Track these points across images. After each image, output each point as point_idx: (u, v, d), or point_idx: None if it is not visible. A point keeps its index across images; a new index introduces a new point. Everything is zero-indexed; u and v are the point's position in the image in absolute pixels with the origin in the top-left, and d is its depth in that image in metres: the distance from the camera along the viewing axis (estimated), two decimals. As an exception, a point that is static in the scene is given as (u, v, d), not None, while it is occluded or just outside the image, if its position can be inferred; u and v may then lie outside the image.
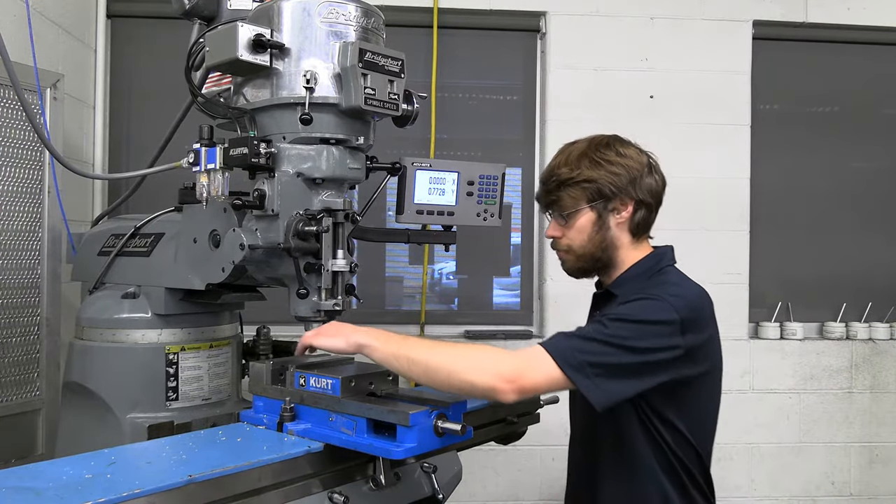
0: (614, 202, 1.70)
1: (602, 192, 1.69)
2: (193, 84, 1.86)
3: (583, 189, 1.70)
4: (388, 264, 3.73)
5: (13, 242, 2.51)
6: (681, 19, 3.63)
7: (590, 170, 1.70)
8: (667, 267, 1.74)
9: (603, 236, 1.72)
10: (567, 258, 1.78)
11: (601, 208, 1.71)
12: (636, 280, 1.71)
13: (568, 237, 1.75)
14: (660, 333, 1.52)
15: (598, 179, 1.69)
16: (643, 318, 1.53)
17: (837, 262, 3.85)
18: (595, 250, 1.73)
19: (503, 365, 1.48)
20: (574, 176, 1.70)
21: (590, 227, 1.72)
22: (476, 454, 3.32)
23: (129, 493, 1.23)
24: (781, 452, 3.67)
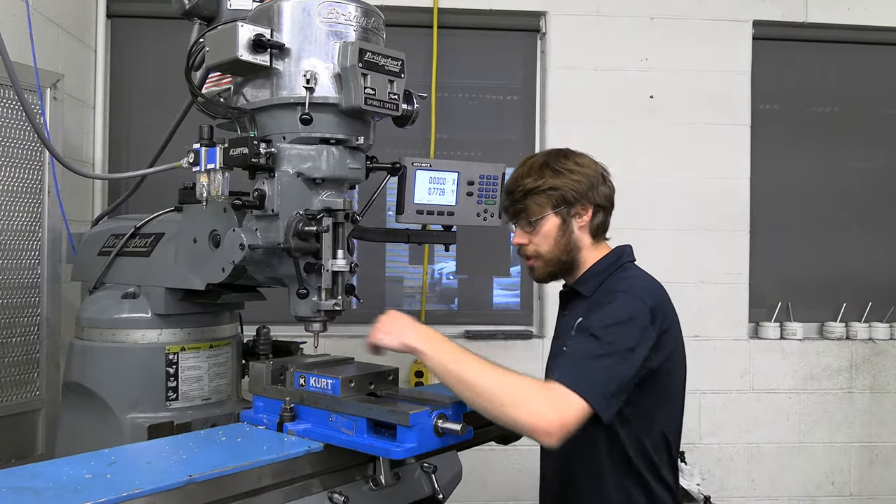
0: (576, 207, 1.82)
1: (565, 198, 1.81)
2: (193, 84, 1.86)
3: (548, 196, 1.80)
4: (388, 264, 3.73)
5: (13, 242, 2.51)
6: (681, 19, 3.63)
7: (553, 178, 1.81)
8: (626, 263, 1.86)
9: (567, 239, 1.83)
10: (536, 265, 1.87)
11: (565, 213, 1.82)
12: (598, 276, 1.83)
13: (535, 243, 1.84)
14: (638, 326, 1.63)
15: (562, 187, 1.80)
16: (623, 318, 1.62)
17: (837, 262, 3.85)
18: (561, 253, 1.84)
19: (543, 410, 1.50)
20: (539, 185, 1.80)
21: (555, 231, 1.82)
22: (476, 454, 3.31)
23: (129, 493, 1.23)
24: (781, 452, 3.67)
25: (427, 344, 1.60)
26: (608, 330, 1.60)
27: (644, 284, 1.76)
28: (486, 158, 3.72)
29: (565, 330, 1.83)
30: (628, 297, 1.67)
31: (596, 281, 1.82)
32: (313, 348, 1.88)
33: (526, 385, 1.53)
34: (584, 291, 1.83)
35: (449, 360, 1.57)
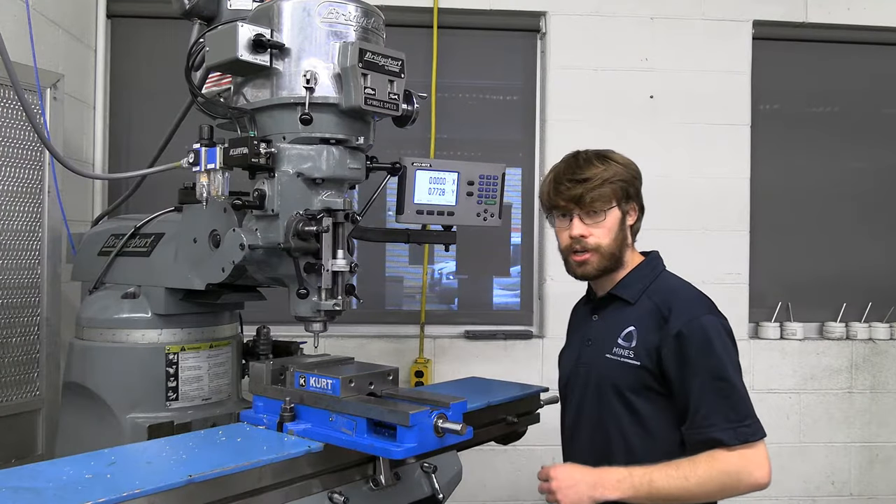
0: (630, 204, 1.85)
1: (628, 193, 1.83)
2: (193, 84, 1.86)
3: (618, 187, 1.81)
4: (388, 264, 3.73)
5: (13, 242, 2.51)
6: (681, 19, 3.63)
7: (620, 169, 1.83)
8: (663, 272, 1.89)
9: (623, 235, 1.85)
10: (591, 259, 1.83)
11: (624, 208, 1.84)
12: (641, 282, 1.85)
13: (596, 235, 1.82)
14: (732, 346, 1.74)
15: (628, 179, 1.83)
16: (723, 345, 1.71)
17: (837, 262, 3.84)
18: (616, 249, 1.83)
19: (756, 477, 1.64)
20: (614, 174, 1.81)
21: (616, 225, 1.82)
22: (476, 454, 3.32)
23: (129, 493, 1.23)
24: (781, 452, 3.66)
25: (619, 488, 1.65)
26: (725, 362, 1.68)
27: (699, 294, 1.81)
28: (486, 158, 3.71)
29: (606, 336, 1.84)
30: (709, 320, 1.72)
31: (639, 287, 1.84)
32: (313, 348, 1.88)
33: (722, 472, 1.63)
34: (628, 297, 1.83)
35: (646, 489, 1.63)
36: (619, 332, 1.80)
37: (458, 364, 3.49)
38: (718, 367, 1.67)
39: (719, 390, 1.66)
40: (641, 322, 1.78)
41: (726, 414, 1.65)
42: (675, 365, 1.69)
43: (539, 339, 3.57)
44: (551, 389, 2.28)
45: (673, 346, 1.70)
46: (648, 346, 1.74)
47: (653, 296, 1.80)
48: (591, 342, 1.89)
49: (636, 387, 1.75)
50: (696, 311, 1.73)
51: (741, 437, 1.63)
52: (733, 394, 1.67)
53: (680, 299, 1.77)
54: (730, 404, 1.66)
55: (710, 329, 1.70)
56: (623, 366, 1.77)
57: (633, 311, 1.81)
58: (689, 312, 1.73)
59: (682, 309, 1.74)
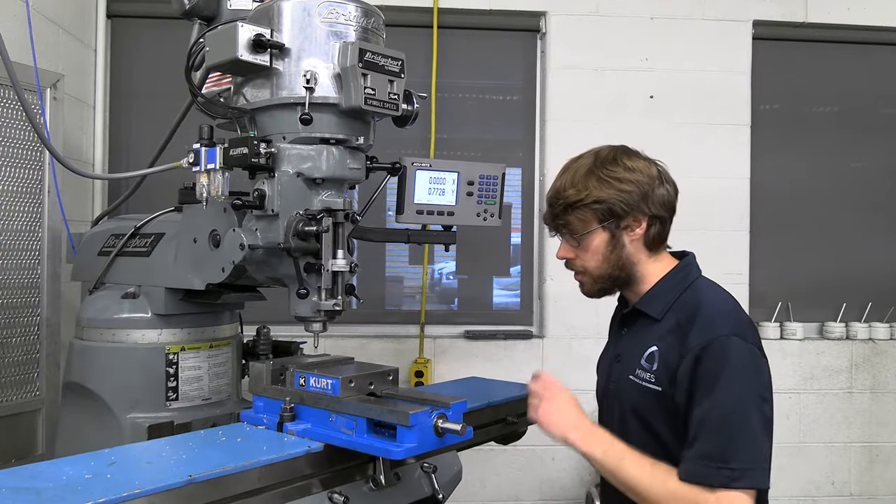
0: (627, 220, 1.62)
1: (613, 212, 1.61)
2: (193, 84, 1.86)
3: (593, 210, 1.61)
4: (388, 264, 3.73)
5: (13, 242, 2.51)
6: (681, 19, 3.63)
7: (598, 189, 1.60)
8: (694, 282, 1.67)
9: (618, 255, 1.65)
10: (584, 280, 1.70)
11: (614, 227, 1.62)
12: (667, 296, 1.65)
13: (582, 259, 1.67)
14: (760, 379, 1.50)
15: (608, 199, 1.60)
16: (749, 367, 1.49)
17: (837, 262, 3.85)
18: (612, 270, 1.66)
19: None
20: (583, 198, 1.61)
21: (603, 247, 1.64)
22: (476, 454, 3.32)
23: (129, 493, 1.23)
24: (781, 452, 3.62)
25: (587, 445, 1.54)
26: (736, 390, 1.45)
27: (729, 310, 1.58)
28: (486, 158, 3.72)
29: (631, 355, 1.65)
30: (733, 342, 1.48)
31: (664, 302, 1.63)
32: (313, 348, 1.88)
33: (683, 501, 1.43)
34: (652, 313, 1.64)
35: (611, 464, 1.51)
36: (642, 352, 1.62)
37: (458, 364, 3.49)
38: (726, 397, 1.44)
39: (720, 425, 1.44)
40: (664, 341, 1.59)
41: (713, 453, 1.43)
42: (686, 384, 1.50)
43: (539, 339, 3.58)
44: (551, 389, 2.28)
45: (689, 363, 1.50)
46: (669, 368, 1.55)
47: (678, 311, 1.60)
48: (619, 358, 1.73)
49: (658, 413, 1.57)
50: (718, 330, 1.50)
51: (716, 480, 1.40)
52: (732, 427, 1.43)
53: (704, 315, 1.55)
54: (724, 442, 1.43)
55: (732, 353, 1.47)
56: (643, 391, 1.59)
57: (659, 328, 1.62)
58: (710, 332, 1.50)
59: (704, 326, 1.52)
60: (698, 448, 1.45)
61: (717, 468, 1.41)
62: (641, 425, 1.61)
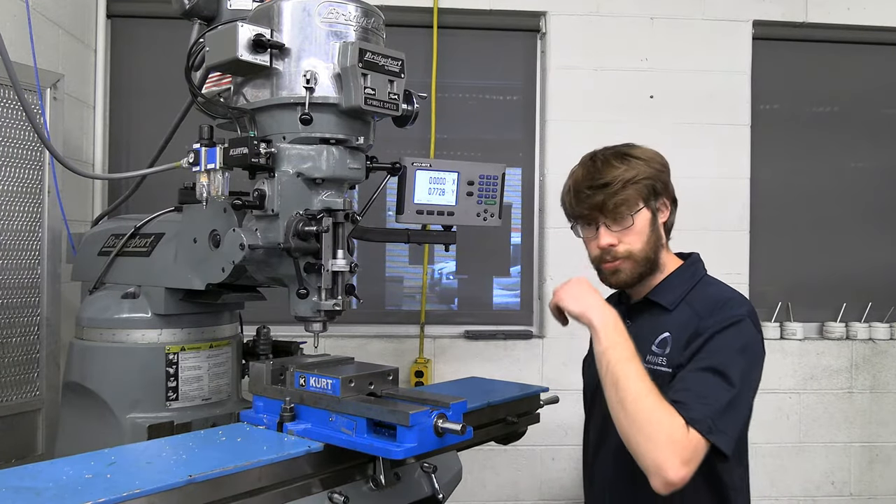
0: (660, 200, 1.70)
1: (655, 189, 1.68)
2: (193, 84, 1.86)
3: (643, 186, 1.66)
4: (388, 264, 3.73)
5: (13, 242, 2.51)
6: (681, 19, 3.63)
7: (643, 166, 1.67)
8: (704, 277, 1.74)
9: (657, 236, 1.70)
10: (623, 266, 1.69)
11: (654, 207, 1.69)
12: (680, 287, 1.71)
13: (626, 242, 1.67)
14: (758, 361, 1.58)
15: (653, 175, 1.68)
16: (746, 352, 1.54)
17: (837, 262, 3.85)
18: (650, 252, 1.69)
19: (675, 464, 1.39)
20: (636, 173, 1.65)
21: (647, 227, 1.68)
22: (476, 454, 3.32)
23: (129, 493, 1.23)
24: (781, 452, 3.67)
25: (605, 329, 1.53)
26: (735, 367, 1.50)
27: (743, 300, 1.65)
28: (486, 158, 3.71)
29: (640, 343, 1.61)
30: (744, 325, 1.56)
31: (678, 293, 1.69)
32: (313, 348, 1.88)
33: (671, 427, 1.41)
34: (665, 304, 1.69)
35: (616, 357, 1.49)
36: (653, 339, 1.66)
37: (458, 364, 3.49)
38: (727, 364, 1.50)
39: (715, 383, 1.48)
40: (678, 328, 1.64)
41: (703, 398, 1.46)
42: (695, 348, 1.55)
43: (539, 339, 3.57)
44: (551, 389, 2.28)
45: (703, 341, 1.55)
46: (681, 346, 1.60)
47: (693, 302, 1.66)
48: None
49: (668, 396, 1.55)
50: (735, 311, 1.58)
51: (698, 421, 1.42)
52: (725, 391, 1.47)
53: (720, 301, 1.62)
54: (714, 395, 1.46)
55: (743, 330, 1.55)
56: (655, 374, 1.58)
57: (671, 318, 1.67)
58: (727, 312, 1.58)
59: (720, 310, 1.59)
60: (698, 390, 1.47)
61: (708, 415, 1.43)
62: None
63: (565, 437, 3.46)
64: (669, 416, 1.42)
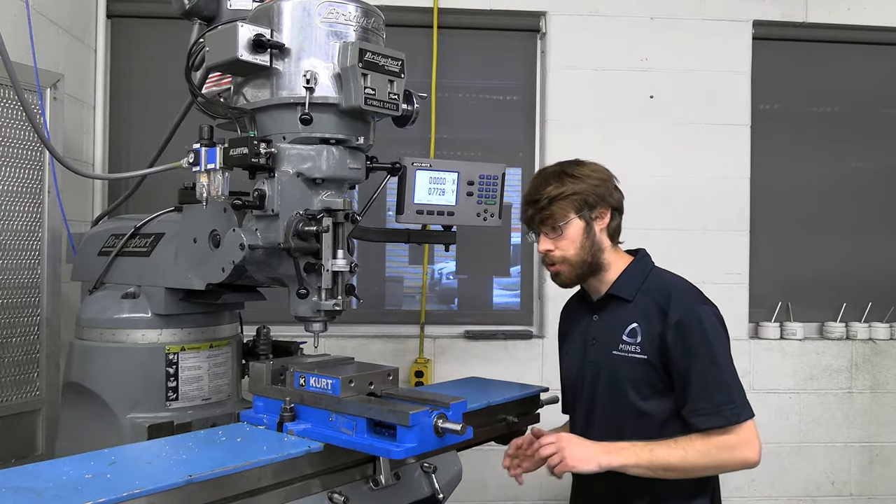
0: (597, 210, 1.92)
1: (587, 202, 1.91)
2: (193, 84, 1.86)
3: (571, 201, 1.90)
4: (388, 264, 3.73)
5: (13, 242, 2.51)
6: (681, 19, 3.63)
7: (573, 184, 1.90)
8: (653, 269, 1.99)
9: (591, 241, 1.93)
10: (562, 269, 1.94)
11: (588, 216, 1.92)
12: (635, 279, 1.96)
13: (560, 248, 1.92)
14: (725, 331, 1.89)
15: (582, 191, 1.90)
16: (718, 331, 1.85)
17: (837, 262, 3.84)
18: (586, 256, 1.92)
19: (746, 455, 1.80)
20: (563, 191, 1.89)
21: (580, 235, 1.91)
22: (476, 454, 3.31)
23: (129, 493, 1.23)
24: (781, 452, 3.67)
25: (625, 458, 1.77)
26: (717, 349, 1.82)
27: (691, 287, 1.93)
28: (486, 158, 3.71)
29: (610, 334, 1.94)
30: (704, 310, 1.85)
31: (634, 285, 1.94)
32: (313, 348, 1.88)
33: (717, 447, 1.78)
34: (625, 295, 1.93)
35: (646, 458, 1.77)
36: (622, 330, 1.91)
37: (458, 364, 3.49)
38: (712, 353, 1.81)
39: (712, 375, 1.80)
40: (643, 318, 1.88)
41: (717, 398, 1.78)
42: (678, 351, 1.82)
43: (539, 339, 3.57)
44: (551, 389, 2.28)
45: (674, 334, 1.82)
46: (653, 338, 1.85)
47: (649, 292, 1.91)
48: (595, 341, 1.98)
49: (643, 381, 1.87)
50: (691, 302, 1.86)
51: (730, 420, 1.77)
52: (724, 377, 1.81)
53: (676, 292, 1.89)
54: (720, 388, 1.79)
55: (705, 318, 1.83)
56: (630, 360, 1.88)
57: (633, 309, 1.91)
58: (686, 303, 1.86)
59: (679, 300, 1.86)
60: (711, 400, 1.79)
61: (729, 410, 1.78)
62: (628, 392, 1.88)
63: (565, 437, 3.45)
64: (717, 447, 1.78)
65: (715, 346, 1.82)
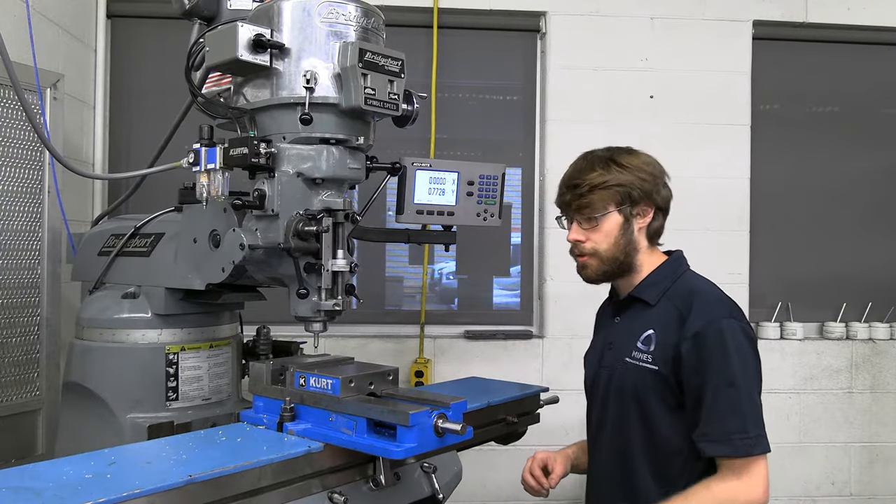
0: (639, 207, 1.77)
1: (631, 196, 1.76)
2: (193, 84, 1.86)
3: (615, 192, 1.75)
4: (388, 264, 3.73)
5: (13, 242, 2.51)
6: (681, 19, 3.63)
7: (620, 174, 1.75)
8: (684, 273, 1.83)
9: (628, 240, 1.78)
10: (590, 262, 1.81)
11: (628, 212, 1.77)
12: (661, 284, 1.80)
13: (593, 240, 1.79)
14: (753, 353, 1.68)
15: (629, 183, 1.75)
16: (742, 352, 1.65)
17: (837, 262, 3.84)
18: (619, 253, 1.78)
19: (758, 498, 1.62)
20: (607, 180, 1.75)
21: (617, 230, 1.77)
22: (476, 454, 3.31)
23: (129, 493, 1.23)
24: (781, 452, 3.66)
25: None
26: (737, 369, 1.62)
27: (722, 297, 1.75)
28: (486, 158, 3.72)
29: (627, 339, 1.79)
30: (729, 324, 1.66)
31: (659, 289, 1.78)
32: (313, 348, 1.88)
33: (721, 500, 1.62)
34: (647, 299, 1.79)
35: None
36: (638, 336, 1.76)
37: (458, 364, 3.49)
38: (731, 372, 1.62)
39: (727, 398, 1.61)
40: (661, 325, 1.73)
41: (729, 424, 1.61)
42: (691, 365, 1.65)
43: (539, 339, 3.57)
44: (551, 389, 2.28)
45: (690, 346, 1.65)
46: (666, 348, 1.70)
47: (673, 298, 1.75)
48: (612, 345, 1.86)
49: (652, 392, 1.72)
50: (716, 314, 1.68)
51: (738, 450, 1.60)
52: (740, 402, 1.61)
53: (700, 300, 1.71)
54: (734, 413, 1.61)
55: (728, 333, 1.64)
56: (641, 370, 1.73)
57: (654, 314, 1.76)
58: (708, 314, 1.67)
59: (701, 310, 1.68)
60: (723, 426, 1.61)
61: (740, 439, 1.59)
62: (636, 403, 1.74)
63: (565, 437, 3.44)
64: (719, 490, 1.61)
65: (734, 365, 1.61)
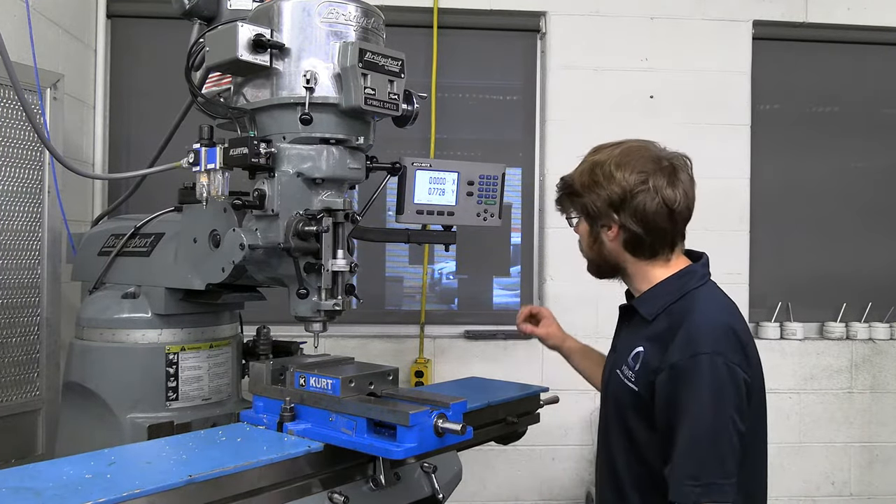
0: (601, 220, 1.68)
1: (587, 210, 1.69)
2: (193, 84, 1.86)
3: (575, 201, 1.72)
4: (388, 264, 3.73)
5: (13, 242, 2.51)
6: (681, 19, 3.63)
7: (581, 186, 1.69)
8: (693, 291, 1.66)
9: (599, 248, 1.71)
10: (584, 257, 1.79)
11: (591, 223, 1.71)
12: (661, 299, 1.66)
13: (578, 234, 1.78)
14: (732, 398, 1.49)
15: (589, 200, 1.68)
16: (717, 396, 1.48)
17: (837, 262, 3.84)
18: (596, 258, 1.74)
19: None
20: (575, 188, 1.71)
21: (587, 236, 1.73)
22: (476, 454, 3.32)
23: (129, 493, 1.23)
24: (781, 452, 3.67)
25: None
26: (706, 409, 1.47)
27: (717, 324, 1.56)
28: (486, 158, 3.71)
29: (623, 350, 1.69)
30: (710, 360, 1.48)
31: (659, 304, 1.65)
32: (313, 348, 1.88)
33: None
34: (644, 313, 1.67)
35: None
36: (631, 350, 1.66)
37: (458, 364, 3.49)
38: (698, 413, 1.48)
39: (689, 440, 1.48)
40: (651, 344, 1.61)
41: (685, 467, 1.48)
42: (663, 398, 1.53)
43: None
44: (551, 389, 2.28)
45: (665, 378, 1.53)
46: (648, 372, 1.58)
47: (672, 315, 1.61)
48: (615, 350, 1.79)
49: (633, 410, 1.63)
50: (700, 347, 1.51)
51: (687, 498, 1.46)
52: (699, 446, 1.47)
53: (689, 327, 1.55)
54: (692, 457, 1.48)
55: (707, 369, 1.48)
56: (625, 387, 1.64)
57: (649, 330, 1.64)
58: (691, 346, 1.51)
59: (685, 340, 1.53)
60: (678, 469, 1.48)
61: (690, 486, 1.46)
62: (619, 418, 1.67)
63: (565, 437, 3.46)
64: None
65: (705, 405, 1.47)
